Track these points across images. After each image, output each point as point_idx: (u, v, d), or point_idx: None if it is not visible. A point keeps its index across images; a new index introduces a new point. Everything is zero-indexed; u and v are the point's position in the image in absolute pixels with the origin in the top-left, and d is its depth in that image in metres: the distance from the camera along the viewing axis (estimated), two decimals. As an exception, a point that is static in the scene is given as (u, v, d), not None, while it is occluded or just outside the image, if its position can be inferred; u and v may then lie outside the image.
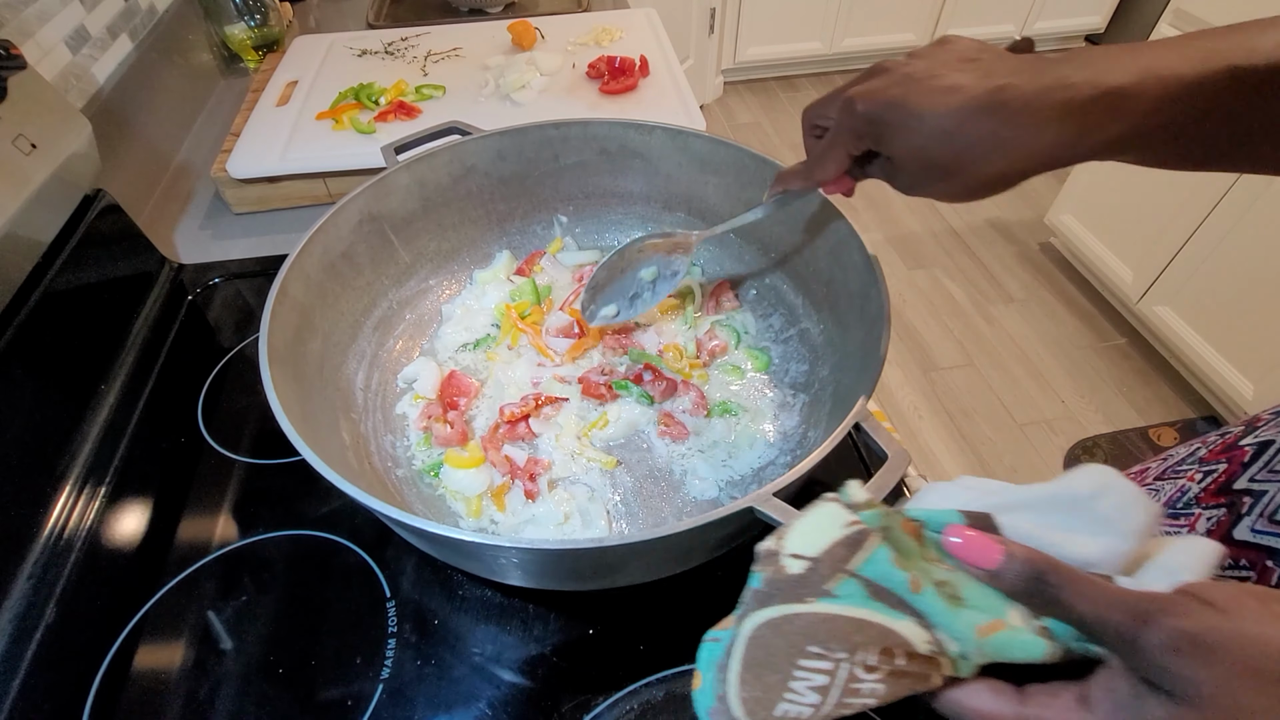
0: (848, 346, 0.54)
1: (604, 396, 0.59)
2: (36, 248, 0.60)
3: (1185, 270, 1.65)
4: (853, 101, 0.37)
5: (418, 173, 0.61)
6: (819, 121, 0.42)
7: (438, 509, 0.53)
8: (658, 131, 0.64)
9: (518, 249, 0.71)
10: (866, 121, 0.37)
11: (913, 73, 0.34)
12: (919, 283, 2.12)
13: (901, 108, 0.34)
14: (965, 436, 1.71)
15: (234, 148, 0.82)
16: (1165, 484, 0.49)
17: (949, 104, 0.32)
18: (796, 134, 0.42)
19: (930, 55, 0.35)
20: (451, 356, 0.63)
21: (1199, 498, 0.44)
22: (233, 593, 0.50)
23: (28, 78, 0.62)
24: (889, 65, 0.37)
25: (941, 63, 0.34)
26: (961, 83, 0.32)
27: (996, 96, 0.31)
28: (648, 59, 0.95)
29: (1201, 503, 0.44)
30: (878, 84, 0.36)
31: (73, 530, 0.53)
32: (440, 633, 0.48)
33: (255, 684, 0.46)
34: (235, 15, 1.06)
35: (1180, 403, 1.77)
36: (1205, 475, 0.45)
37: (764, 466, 0.55)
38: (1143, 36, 1.76)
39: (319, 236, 0.53)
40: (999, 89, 0.32)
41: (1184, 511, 0.45)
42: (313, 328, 0.53)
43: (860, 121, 0.37)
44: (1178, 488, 0.47)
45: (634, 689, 0.45)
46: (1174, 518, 0.45)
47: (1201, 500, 0.44)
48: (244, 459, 0.58)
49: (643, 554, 0.40)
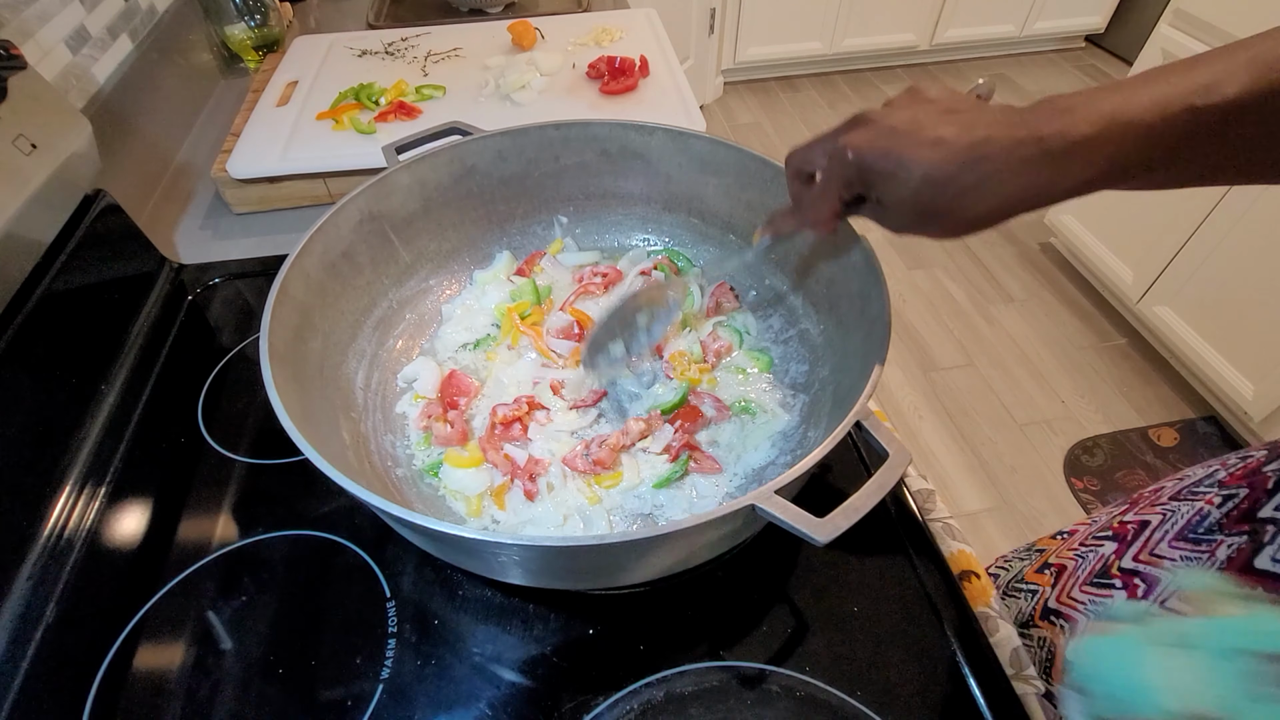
0: (848, 346, 0.54)
1: (612, 465, 0.55)
2: (37, 248, 0.60)
3: (1185, 270, 1.65)
4: (844, 151, 0.39)
5: (418, 173, 0.61)
6: (804, 167, 0.44)
7: (438, 508, 0.53)
8: (658, 132, 0.64)
9: (518, 249, 0.71)
10: (858, 170, 0.39)
11: (897, 125, 0.37)
12: (919, 283, 2.12)
13: (892, 158, 0.36)
14: (965, 436, 1.71)
15: (234, 148, 0.82)
16: (1182, 505, 0.48)
17: (935, 157, 0.35)
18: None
19: (910, 107, 0.38)
20: (451, 356, 0.63)
21: (1221, 523, 0.44)
22: (233, 593, 0.50)
23: (28, 78, 0.62)
24: (872, 116, 0.39)
25: (924, 114, 0.36)
26: (945, 135, 0.35)
27: (979, 150, 0.34)
28: (648, 59, 0.95)
29: (1224, 529, 0.43)
30: (866, 135, 0.38)
31: (73, 530, 0.53)
32: (440, 632, 0.48)
33: (255, 684, 0.46)
34: (235, 15, 1.06)
35: (1180, 403, 1.78)
36: (1226, 500, 0.45)
37: (764, 466, 0.55)
38: (1143, 36, 1.76)
39: (319, 236, 0.53)
40: (981, 141, 0.34)
41: (1205, 538, 0.44)
42: (313, 327, 0.53)
43: (851, 170, 0.39)
44: (1196, 510, 0.47)
45: (634, 689, 0.45)
46: (1195, 543, 0.45)
47: (1224, 526, 0.43)
48: (244, 459, 0.58)
49: (644, 552, 0.40)
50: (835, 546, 0.36)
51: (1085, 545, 0.56)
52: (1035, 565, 0.61)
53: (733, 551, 0.52)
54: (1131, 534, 0.51)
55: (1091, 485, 1.61)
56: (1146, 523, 0.50)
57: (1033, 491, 1.60)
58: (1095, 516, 0.61)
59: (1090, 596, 0.51)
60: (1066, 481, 1.62)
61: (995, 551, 1.48)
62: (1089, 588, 0.51)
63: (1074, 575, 0.54)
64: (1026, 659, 0.47)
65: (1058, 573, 0.57)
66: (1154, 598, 0.45)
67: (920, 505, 0.55)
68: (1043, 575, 0.58)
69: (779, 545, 0.53)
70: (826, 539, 0.35)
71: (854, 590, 0.50)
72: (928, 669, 0.46)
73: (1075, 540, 0.58)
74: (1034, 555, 0.63)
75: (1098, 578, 0.51)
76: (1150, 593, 0.46)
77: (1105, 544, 0.53)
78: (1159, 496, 0.52)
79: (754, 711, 0.44)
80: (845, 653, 0.47)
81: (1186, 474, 0.53)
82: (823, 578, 0.51)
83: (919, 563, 0.52)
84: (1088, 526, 0.59)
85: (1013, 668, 0.46)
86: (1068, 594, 0.54)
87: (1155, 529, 0.49)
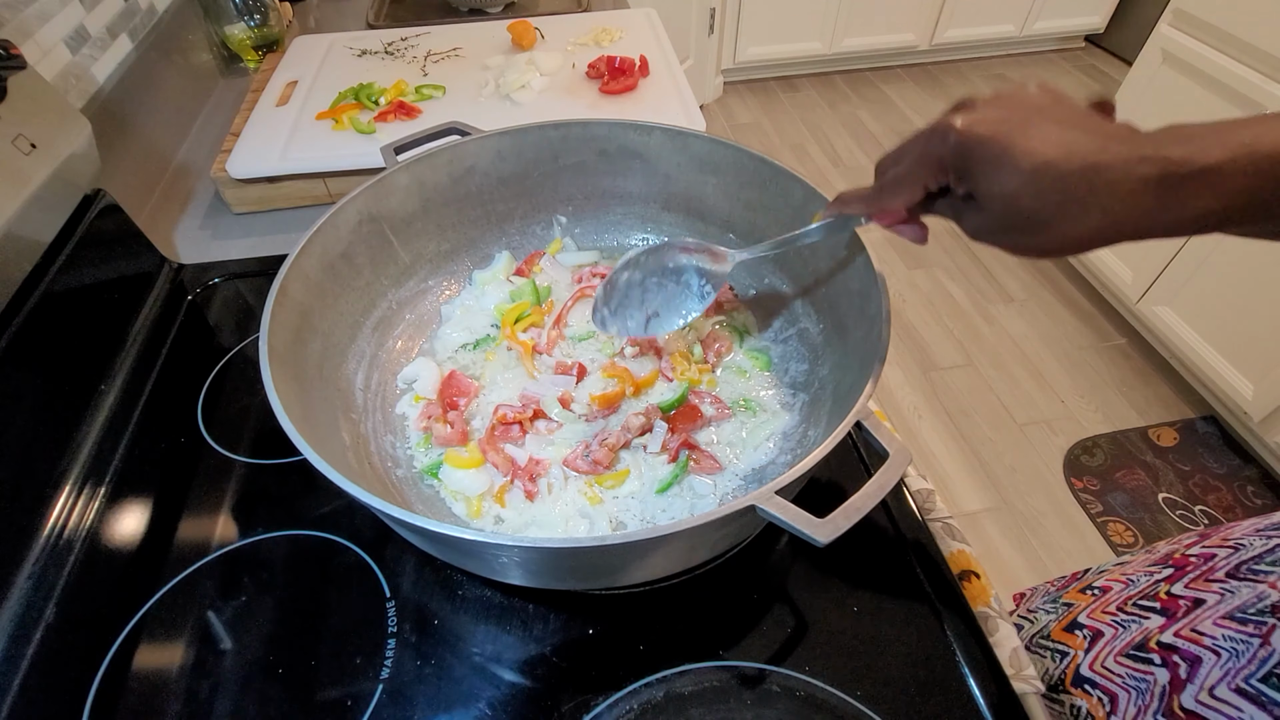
0: (847, 345, 0.54)
1: (610, 464, 0.54)
2: (36, 248, 0.60)
3: (1185, 271, 1.65)
4: (949, 129, 0.34)
5: (417, 173, 0.61)
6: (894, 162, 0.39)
7: (438, 509, 0.53)
8: (657, 132, 0.64)
9: (517, 249, 0.71)
10: (957, 152, 0.34)
11: (1013, 114, 0.33)
12: (919, 283, 2.12)
13: (1001, 145, 0.32)
14: (965, 437, 1.71)
15: (234, 148, 0.82)
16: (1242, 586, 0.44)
17: (1051, 154, 0.31)
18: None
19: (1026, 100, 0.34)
20: (451, 356, 0.63)
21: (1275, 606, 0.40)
22: (232, 593, 0.50)
23: (27, 78, 0.62)
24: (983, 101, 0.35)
25: (1042, 110, 0.33)
26: (1065, 137, 0.32)
27: (1099, 158, 0.31)
28: (648, 59, 0.95)
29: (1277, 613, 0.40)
30: (976, 116, 0.34)
31: (72, 530, 0.53)
32: (440, 633, 0.48)
33: (255, 684, 0.46)
34: (235, 15, 1.06)
35: (1180, 403, 1.78)
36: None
37: (765, 465, 0.55)
38: (1142, 36, 1.76)
39: (318, 237, 0.53)
40: (1100, 150, 0.31)
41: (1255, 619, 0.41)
42: (312, 328, 0.53)
43: (950, 151, 0.34)
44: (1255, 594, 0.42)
45: (634, 689, 0.45)
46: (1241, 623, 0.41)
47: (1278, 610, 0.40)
48: (244, 459, 0.58)
49: (645, 552, 0.40)
50: (835, 546, 0.36)
51: (1127, 613, 0.52)
52: (1063, 622, 0.57)
53: (733, 551, 0.52)
54: (1183, 611, 0.47)
55: (1091, 485, 1.61)
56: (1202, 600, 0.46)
57: (1032, 491, 1.60)
58: (1130, 573, 0.56)
59: (1128, 670, 0.47)
60: (1066, 481, 1.62)
61: (995, 551, 1.49)
62: (1125, 659, 0.48)
63: (1111, 644, 0.51)
64: (1026, 659, 0.47)
65: (1093, 637, 0.53)
66: None
67: (920, 505, 0.55)
68: (1073, 636, 0.55)
69: (779, 544, 0.53)
70: (827, 539, 0.35)
71: (854, 590, 0.50)
72: (928, 669, 0.46)
73: (1111, 603, 0.54)
74: (1061, 610, 0.60)
75: (1135, 649, 0.48)
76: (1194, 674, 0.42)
77: (1151, 617, 0.49)
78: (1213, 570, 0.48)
79: (754, 711, 0.44)
80: (845, 652, 0.47)
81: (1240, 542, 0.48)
82: (822, 578, 0.51)
83: (918, 563, 0.52)
84: (1125, 587, 0.55)
85: (1012, 667, 0.46)
86: (1102, 663, 0.50)
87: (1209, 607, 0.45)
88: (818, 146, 2.64)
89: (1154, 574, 0.53)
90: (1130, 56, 2.35)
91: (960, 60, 3.14)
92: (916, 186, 0.38)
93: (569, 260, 0.70)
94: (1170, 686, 0.43)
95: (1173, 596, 0.49)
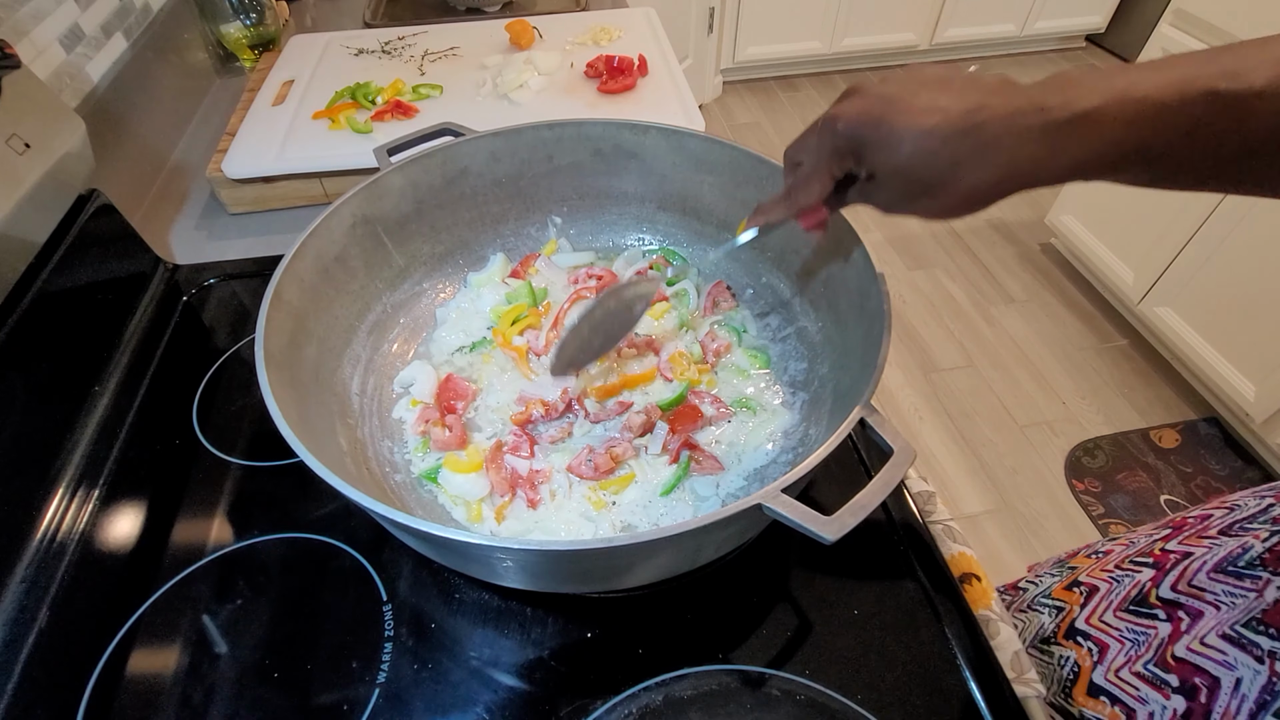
0: (847, 344, 0.53)
1: (613, 469, 0.54)
2: (30, 248, 0.60)
3: (1186, 271, 1.65)
4: (834, 120, 0.37)
5: (411, 175, 0.61)
6: (798, 158, 0.42)
7: (437, 514, 0.53)
8: (652, 131, 0.64)
9: (512, 251, 0.70)
10: (848, 140, 0.37)
11: (890, 94, 0.35)
12: (919, 283, 2.12)
13: (884, 125, 0.35)
14: (966, 438, 1.71)
15: (229, 147, 0.82)
16: (1229, 540, 0.46)
17: (928, 123, 0.33)
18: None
19: (904, 79, 0.36)
20: (448, 359, 0.63)
21: (1263, 558, 0.42)
22: (228, 596, 0.50)
23: (21, 77, 0.62)
24: (864, 87, 0.37)
25: (918, 84, 0.35)
26: (940, 103, 0.33)
27: (974, 117, 0.32)
28: (646, 58, 0.94)
29: (1266, 565, 0.41)
30: (857, 104, 0.36)
31: (66, 533, 0.53)
32: (437, 636, 0.48)
33: (250, 688, 0.45)
34: (231, 14, 1.06)
35: (1181, 404, 1.77)
36: (1272, 534, 0.43)
37: (766, 465, 0.55)
38: (1143, 36, 1.76)
39: (312, 241, 0.53)
40: (976, 108, 0.32)
41: (1247, 572, 0.42)
42: (307, 333, 0.52)
43: (842, 140, 0.37)
44: (1240, 544, 0.44)
45: (633, 693, 0.45)
46: (1237, 577, 0.43)
47: (1267, 563, 0.42)
48: (239, 461, 0.58)
49: (649, 554, 0.40)
50: (836, 548, 0.36)
51: (1121, 569, 0.53)
52: (1065, 582, 0.59)
53: (734, 553, 0.51)
54: (1172, 563, 0.49)
55: (1093, 487, 1.60)
56: (1190, 554, 0.48)
57: (1034, 493, 1.60)
58: (1133, 537, 0.58)
59: (1128, 624, 0.48)
60: (1067, 483, 1.61)
61: (996, 553, 1.49)
62: (1126, 614, 0.49)
63: (1107, 598, 0.52)
64: (1028, 662, 0.47)
65: (1089, 592, 0.54)
66: None
67: (920, 507, 0.55)
68: (1072, 593, 0.56)
69: (779, 546, 0.52)
70: (835, 537, 0.35)
71: (855, 593, 0.50)
72: (929, 672, 0.46)
73: (1110, 561, 0.56)
74: (1065, 571, 0.61)
75: (1135, 604, 0.49)
76: (1193, 627, 0.43)
77: (1143, 570, 0.51)
78: (1207, 528, 0.49)
79: (754, 715, 0.44)
80: (846, 656, 0.47)
81: (1236, 503, 0.50)
82: (823, 580, 0.51)
83: (919, 565, 0.51)
84: (1125, 548, 0.56)
85: (1014, 671, 0.46)
86: (1099, 617, 0.51)
87: (1196, 559, 0.47)
88: (817, 146, 2.63)
89: (1153, 535, 0.55)
90: (1131, 56, 2.35)
91: (960, 60, 3.13)
92: (825, 179, 0.40)
93: (565, 261, 0.70)
94: (1169, 638, 0.45)
95: (1165, 552, 0.51)
